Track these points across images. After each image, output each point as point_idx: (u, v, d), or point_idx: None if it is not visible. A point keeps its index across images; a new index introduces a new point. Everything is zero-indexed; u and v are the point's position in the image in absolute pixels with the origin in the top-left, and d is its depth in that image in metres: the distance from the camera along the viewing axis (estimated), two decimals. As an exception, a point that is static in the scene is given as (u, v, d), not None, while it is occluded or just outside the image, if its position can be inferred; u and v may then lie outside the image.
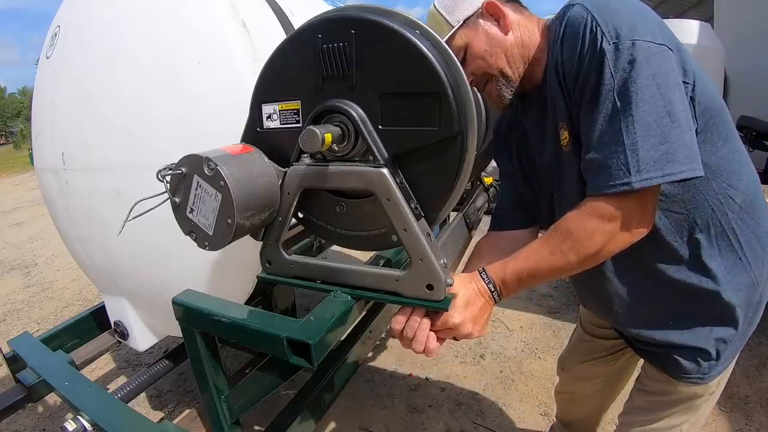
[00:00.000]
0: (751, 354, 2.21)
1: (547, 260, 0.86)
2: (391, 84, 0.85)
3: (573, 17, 0.83)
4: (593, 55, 0.79)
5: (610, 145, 0.78)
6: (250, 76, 1.16)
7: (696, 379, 0.98)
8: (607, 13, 0.79)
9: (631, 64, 0.76)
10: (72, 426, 1.18)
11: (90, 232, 1.50)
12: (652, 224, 0.84)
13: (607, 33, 0.77)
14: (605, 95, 0.78)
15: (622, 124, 0.76)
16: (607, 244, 0.82)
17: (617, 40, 0.76)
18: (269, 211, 0.99)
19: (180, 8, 1.29)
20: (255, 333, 0.95)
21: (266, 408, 1.78)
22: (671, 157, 0.75)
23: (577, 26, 0.81)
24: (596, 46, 0.78)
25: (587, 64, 0.80)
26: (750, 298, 0.95)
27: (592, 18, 0.79)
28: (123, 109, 1.31)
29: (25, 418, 2.16)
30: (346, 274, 1.00)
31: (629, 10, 0.80)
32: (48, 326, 3.07)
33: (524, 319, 2.71)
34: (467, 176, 0.91)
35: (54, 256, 4.60)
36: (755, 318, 0.99)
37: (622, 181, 0.77)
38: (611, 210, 0.80)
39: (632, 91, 0.75)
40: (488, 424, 1.93)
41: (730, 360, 1.00)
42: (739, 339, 0.98)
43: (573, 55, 0.82)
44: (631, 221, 0.81)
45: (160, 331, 1.65)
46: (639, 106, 0.75)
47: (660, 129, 0.75)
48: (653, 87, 0.75)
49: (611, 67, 0.77)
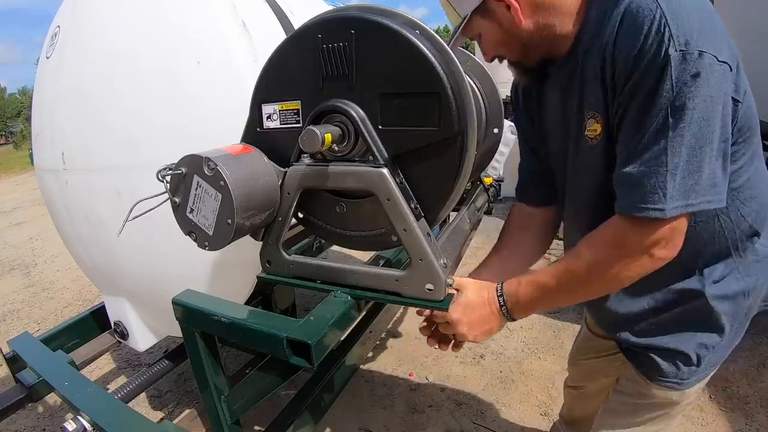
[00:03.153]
0: (751, 354, 2.21)
1: (564, 289, 0.85)
2: (391, 84, 0.85)
3: (638, 7, 0.72)
4: (655, 58, 0.70)
5: (650, 164, 0.72)
6: (250, 76, 1.16)
7: (673, 383, 0.95)
8: (681, 13, 0.69)
9: (694, 78, 0.68)
10: (72, 426, 1.18)
11: (90, 232, 1.50)
12: (677, 251, 0.79)
13: (676, 37, 0.68)
14: (659, 107, 0.71)
15: (669, 143, 0.70)
16: (628, 272, 0.81)
17: (685, 48, 0.68)
18: (269, 211, 0.99)
19: (180, 8, 1.29)
20: (255, 333, 0.95)
21: (266, 408, 1.78)
22: (699, 188, 0.72)
23: (642, 20, 0.71)
24: (661, 50, 0.69)
25: (645, 67, 0.71)
26: (738, 309, 0.92)
27: (662, 15, 0.69)
28: (123, 109, 1.31)
29: (25, 418, 2.15)
30: (346, 274, 1.00)
31: (702, 16, 0.71)
32: (48, 326, 3.07)
33: (524, 319, 2.70)
34: (467, 176, 0.91)
35: (54, 256, 4.59)
36: (741, 330, 0.96)
37: (656, 206, 0.72)
38: (638, 236, 0.76)
39: (688, 109, 0.69)
40: (488, 424, 1.93)
41: (709, 369, 0.97)
42: (723, 349, 0.96)
43: (630, 51, 0.73)
44: (656, 248, 0.77)
45: (160, 331, 1.65)
46: (689, 129, 0.70)
47: (700, 156, 0.71)
48: (708, 110, 0.70)
49: (673, 77, 0.68)
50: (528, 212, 1.14)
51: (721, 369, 2.13)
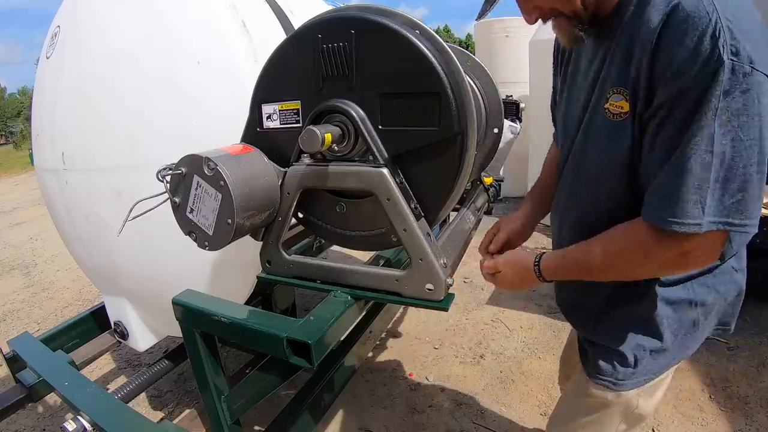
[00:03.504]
0: (751, 354, 2.21)
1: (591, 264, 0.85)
2: (391, 84, 0.85)
3: (692, 7, 0.67)
4: (708, 62, 0.65)
5: (692, 175, 0.68)
6: (250, 76, 1.16)
7: (608, 382, 0.94)
8: (734, 20, 0.65)
9: (744, 94, 0.65)
10: (72, 426, 1.18)
11: (90, 232, 1.50)
12: (716, 259, 0.78)
13: (731, 45, 0.64)
14: (707, 115, 0.67)
15: (714, 158, 0.67)
16: (656, 275, 0.85)
17: (736, 59, 0.64)
18: (269, 211, 0.99)
19: (180, 8, 1.29)
20: (255, 333, 0.95)
21: (266, 408, 1.78)
22: (742, 208, 0.69)
23: (696, 20, 0.66)
24: (714, 54, 0.65)
25: (698, 71, 0.66)
26: (683, 317, 0.90)
27: (718, 19, 0.65)
28: (123, 109, 1.31)
29: (25, 418, 2.15)
30: (346, 274, 1.01)
31: (752, 24, 0.68)
32: (48, 326, 3.07)
33: (524, 319, 2.70)
34: (467, 176, 0.91)
35: (54, 256, 4.59)
36: (688, 343, 0.93)
37: (695, 221, 0.69)
38: (670, 248, 0.74)
39: (736, 126, 0.66)
40: (488, 424, 1.93)
41: (648, 375, 0.94)
42: (664, 358, 0.93)
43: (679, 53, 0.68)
44: (690, 258, 0.75)
45: (160, 331, 1.65)
46: (734, 146, 0.66)
47: (745, 176, 0.68)
48: (756, 130, 0.66)
49: (724, 86, 0.65)
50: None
51: (720, 369, 2.14)
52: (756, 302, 2.53)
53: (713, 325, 0.97)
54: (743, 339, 2.30)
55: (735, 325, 1.01)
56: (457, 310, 2.85)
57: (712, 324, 0.97)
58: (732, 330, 1.00)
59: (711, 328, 0.97)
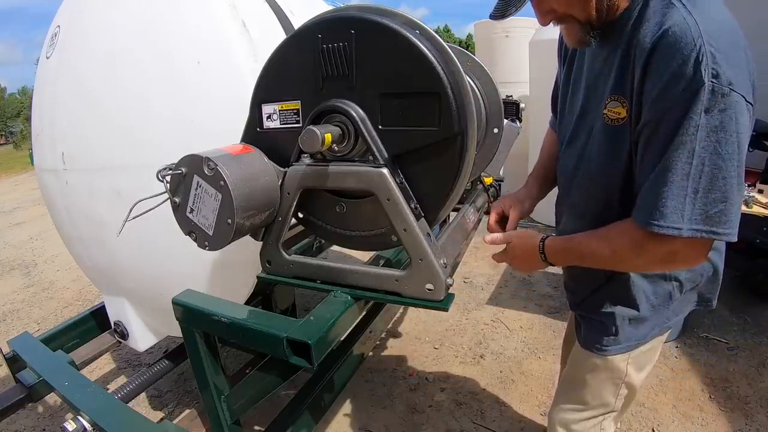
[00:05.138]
0: (751, 354, 2.21)
1: (588, 253, 0.93)
2: (390, 84, 0.85)
3: (681, 33, 0.73)
4: (691, 83, 0.72)
5: (674, 184, 0.76)
6: (249, 76, 1.16)
7: (595, 348, 1.05)
8: (717, 45, 0.71)
9: (722, 113, 0.72)
10: (72, 426, 1.18)
11: (90, 232, 1.50)
12: (702, 261, 0.88)
13: (712, 69, 0.71)
14: (688, 131, 0.73)
15: (693, 169, 0.74)
16: (645, 270, 0.94)
17: (716, 81, 0.71)
18: (269, 211, 0.99)
19: (180, 8, 1.29)
20: (255, 333, 0.95)
21: (266, 408, 1.78)
22: (725, 218, 0.75)
23: (682, 45, 0.73)
24: (696, 76, 0.71)
25: (681, 91, 0.73)
26: (658, 289, 0.99)
27: (702, 45, 0.71)
28: (123, 109, 1.31)
29: (25, 418, 2.15)
30: (346, 274, 1.01)
31: (734, 50, 0.74)
32: (48, 326, 3.07)
33: (524, 319, 2.70)
34: (467, 176, 0.91)
35: (54, 256, 4.59)
36: (665, 312, 1.02)
37: (675, 225, 0.76)
38: (656, 247, 0.81)
39: (716, 141, 0.73)
40: (488, 424, 1.93)
41: (633, 342, 1.03)
42: (645, 326, 1.02)
43: (666, 72, 0.75)
44: (675, 258, 0.83)
45: (160, 331, 1.65)
46: (713, 160, 0.73)
47: (725, 187, 0.74)
48: (735, 144, 0.73)
49: (704, 105, 0.71)
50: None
51: (720, 369, 2.14)
52: (756, 302, 2.54)
53: (693, 300, 1.07)
54: (743, 339, 2.30)
55: (735, 325, 1.03)
56: (457, 310, 2.86)
57: (692, 299, 1.07)
58: (714, 306, 1.09)
59: (692, 303, 1.07)
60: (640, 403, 1.95)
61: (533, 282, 3.15)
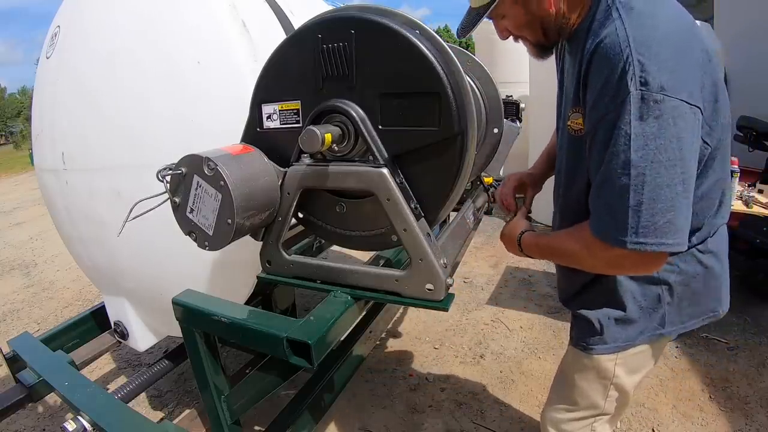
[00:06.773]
0: (751, 354, 2.21)
1: (556, 248, 0.98)
2: (391, 84, 0.85)
3: (611, 44, 0.75)
4: (617, 93, 0.73)
5: (615, 198, 0.75)
6: (249, 76, 1.16)
7: (581, 346, 1.06)
8: (648, 53, 0.72)
9: (657, 119, 0.70)
10: (72, 426, 1.18)
11: (90, 232, 1.50)
12: (655, 270, 0.88)
13: (639, 76, 0.71)
14: (618, 141, 0.73)
15: (632, 180, 0.72)
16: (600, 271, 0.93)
17: (645, 89, 0.70)
18: (269, 211, 0.99)
19: (180, 8, 1.29)
20: (255, 333, 0.95)
21: (266, 408, 1.78)
22: (673, 228, 0.74)
23: (611, 56, 0.74)
24: (621, 85, 0.72)
25: (609, 100, 0.75)
26: (646, 291, 0.98)
27: (629, 54, 0.72)
28: (123, 109, 1.31)
29: (25, 418, 2.15)
30: (346, 274, 1.01)
31: (673, 53, 0.73)
32: (48, 326, 3.07)
33: (524, 319, 2.70)
34: (467, 176, 0.91)
35: (54, 256, 4.59)
36: (655, 315, 0.99)
37: (620, 238, 0.76)
38: (606, 254, 0.82)
39: (654, 149, 0.71)
40: (488, 424, 1.93)
41: (620, 343, 1.01)
42: (634, 328, 1.00)
43: (596, 84, 0.78)
44: (624, 264, 0.84)
45: (160, 331, 1.65)
46: (654, 168, 0.71)
47: (670, 196, 0.72)
48: (675, 151, 0.71)
49: (635, 113, 0.71)
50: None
51: (720, 369, 2.14)
52: (756, 302, 2.54)
53: (694, 312, 1.01)
54: (743, 339, 2.30)
55: (735, 325, 1.03)
56: (457, 310, 2.85)
57: (688, 307, 1.00)
58: (721, 315, 1.04)
59: (690, 311, 1.00)
60: (640, 403, 1.95)
61: (533, 282, 3.15)
